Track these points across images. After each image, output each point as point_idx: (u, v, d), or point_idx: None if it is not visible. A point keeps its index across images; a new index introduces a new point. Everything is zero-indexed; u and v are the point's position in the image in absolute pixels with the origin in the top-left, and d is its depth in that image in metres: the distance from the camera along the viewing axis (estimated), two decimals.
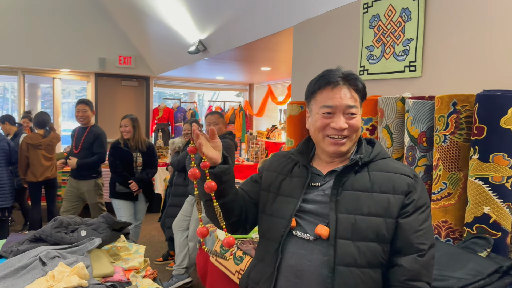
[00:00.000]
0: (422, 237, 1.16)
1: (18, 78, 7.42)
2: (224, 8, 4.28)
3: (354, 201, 1.18)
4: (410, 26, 2.29)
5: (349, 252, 1.14)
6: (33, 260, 1.77)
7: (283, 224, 1.22)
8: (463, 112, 1.85)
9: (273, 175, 1.35)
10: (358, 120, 1.23)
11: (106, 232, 2.06)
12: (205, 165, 1.14)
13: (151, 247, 4.84)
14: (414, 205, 1.18)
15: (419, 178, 1.24)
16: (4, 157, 4.50)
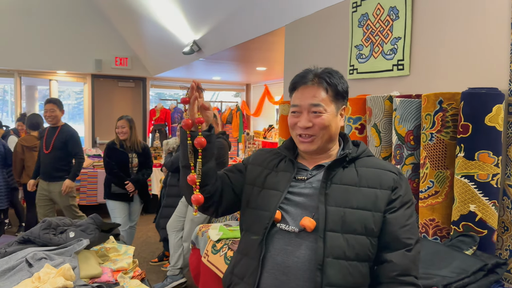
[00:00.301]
0: (409, 232, 1.19)
1: (15, 80, 7.43)
2: (217, 9, 4.28)
3: (343, 194, 1.20)
4: (398, 25, 2.29)
5: (338, 244, 1.15)
6: (20, 262, 1.77)
7: (267, 216, 1.23)
8: (449, 110, 1.85)
9: (258, 169, 1.36)
10: (325, 118, 1.22)
11: (94, 233, 2.06)
12: (199, 120, 1.20)
13: (147, 248, 4.85)
14: (400, 201, 1.21)
15: (403, 175, 1.27)
16: (0, 158, 4.52)
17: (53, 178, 4.15)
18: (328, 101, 1.23)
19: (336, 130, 1.28)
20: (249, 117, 9.75)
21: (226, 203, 1.34)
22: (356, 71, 2.63)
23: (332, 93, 1.24)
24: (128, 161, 4.07)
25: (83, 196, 5.81)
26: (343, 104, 1.29)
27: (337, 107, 1.26)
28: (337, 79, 1.25)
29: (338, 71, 1.29)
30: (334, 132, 1.27)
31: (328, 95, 1.24)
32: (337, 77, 1.26)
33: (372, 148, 2.27)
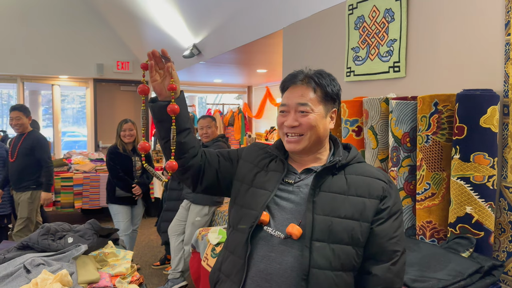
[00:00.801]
0: (396, 245, 1.18)
1: (18, 85, 7.47)
2: (216, 13, 4.30)
3: (330, 202, 1.18)
4: (394, 27, 2.29)
5: (325, 254, 1.14)
6: (18, 268, 1.78)
7: (254, 215, 1.22)
8: (444, 112, 1.85)
9: (249, 166, 1.34)
10: (312, 118, 1.21)
11: (92, 238, 2.07)
12: (171, 87, 1.21)
13: (149, 252, 4.86)
14: (388, 212, 1.19)
15: (393, 183, 1.25)
16: (2, 164, 4.54)
17: (18, 187, 4.10)
18: (316, 102, 1.22)
19: (325, 132, 1.26)
20: (251, 119, 9.76)
21: (206, 182, 1.35)
22: (353, 73, 2.63)
23: (320, 94, 1.23)
24: (132, 164, 4.09)
25: (86, 200, 5.83)
26: (333, 106, 1.27)
27: (326, 109, 1.25)
28: (327, 81, 1.24)
29: (331, 74, 1.28)
30: (322, 133, 1.25)
31: (317, 95, 1.23)
32: (328, 79, 1.25)
33: (369, 150, 2.27)
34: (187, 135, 1.28)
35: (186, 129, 1.28)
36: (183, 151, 1.28)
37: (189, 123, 1.30)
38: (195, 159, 1.32)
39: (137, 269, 4.17)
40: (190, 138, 1.29)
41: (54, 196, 5.67)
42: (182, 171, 1.32)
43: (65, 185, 5.76)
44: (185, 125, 1.27)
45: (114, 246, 2.25)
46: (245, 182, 1.32)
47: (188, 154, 1.30)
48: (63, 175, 5.82)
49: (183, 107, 1.26)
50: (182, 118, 1.26)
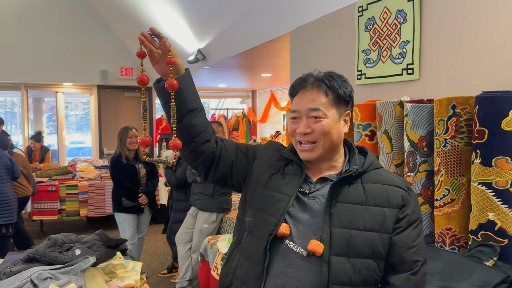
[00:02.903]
0: (416, 254, 1.12)
1: (21, 93, 7.46)
2: (221, 17, 4.26)
3: (348, 214, 1.11)
4: (406, 28, 2.24)
5: (344, 270, 1.08)
6: (25, 282, 1.72)
7: (273, 222, 1.15)
8: (463, 115, 1.79)
9: (264, 166, 1.27)
10: (325, 123, 1.14)
11: (101, 249, 2.01)
12: (169, 61, 1.14)
13: (156, 259, 4.80)
14: (407, 220, 1.13)
15: (412, 190, 1.19)
16: (6, 172, 4.50)
17: None
18: (329, 105, 1.15)
19: (339, 137, 1.18)
20: (255, 124, 9.71)
21: (220, 172, 1.26)
22: (364, 76, 2.57)
23: (332, 97, 1.16)
24: (137, 172, 4.04)
25: (91, 208, 5.79)
26: (346, 109, 1.20)
27: (339, 112, 1.17)
28: (338, 82, 1.17)
29: (341, 75, 1.21)
30: (337, 139, 1.18)
31: (328, 99, 1.15)
32: (339, 81, 1.18)
33: (383, 155, 2.20)
34: (196, 116, 1.20)
35: (194, 109, 1.19)
36: (194, 134, 1.20)
37: (197, 103, 1.20)
38: (208, 144, 1.22)
39: None
40: (201, 121, 1.21)
41: (59, 204, 5.65)
42: (194, 157, 1.23)
43: (70, 193, 5.72)
44: (192, 104, 1.19)
45: (122, 257, 2.19)
46: (260, 183, 1.24)
47: (199, 138, 1.21)
48: (68, 182, 5.78)
49: (189, 85, 1.19)
50: (188, 96, 1.18)
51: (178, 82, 1.14)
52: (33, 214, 5.55)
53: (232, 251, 1.28)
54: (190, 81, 1.21)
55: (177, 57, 1.17)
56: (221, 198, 3.61)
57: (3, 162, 4.46)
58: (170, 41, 1.19)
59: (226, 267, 1.27)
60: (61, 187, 5.68)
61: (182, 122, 1.19)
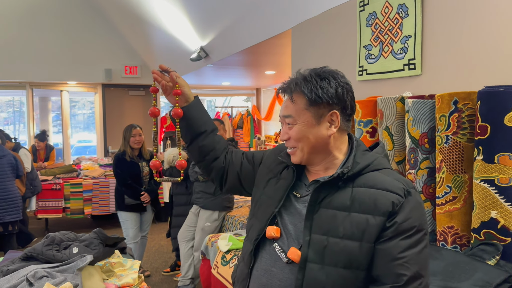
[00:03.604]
0: (401, 267, 1.00)
1: (27, 92, 7.49)
2: (223, 14, 4.23)
3: (329, 220, 1.05)
4: (408, 23, 2.20)
5: (318, 278, 1.03)
6: (21, 281, 1.71)
7: (259, 228, 1.17)
8: (465, 111, 1.75)
9: (265, 171, 1.29)
10: (296, 129, 1.11)
11: (98, 248, 2.00)
12: (176, 92, 1.28)
13: (159, 258, 4.80)
14: (395, 229, 1.02)
15: (413, 196, 1.06)
16: (11, 170, 4.53)
17: None
18: (301, 110, 1.10)
19: (320, 140, 1.11)
20: (260, 122, 9.68)
21: (229, 184, 1.37)
22: (365, 72, 2.53)
23: (304, 101, 1.10)
24: (140, 170, 4.03)
25: (96, 206, 5.80)
26: (330, 109, 1.10)
27: (318, 114, 1.10)
28: (312, 84, 1.09)
29: (326, 73, 1.12)
30: (315, 143, 1.11)
31: (300, 103, 1.11)
32: (314, 81, 1.10)
33: None
34: (205, 138, 1.32)
35: (202, 132, 1.32)
36: (203, 153, 1.33)
37: (206, 126, 1.32)
38: (217, 161, 1.34)
39: (147, 276, 4.12)
40: (209, 141, 1.33)
41: (64, 202, 5.67)
42: (207, 172, 1.37)
43: (74, 191, 5.73)
44: (200, 129, 1.31)
45: (121, 255, 2.18)
46: (259, 188, 1.27)
47: (209, 156, 1.33)
48: (72, 181, 5.80)
49: (197, 112, 1.31)
50: (196, 121, 1.31)
51: (186, 110, 1.29)
52: (38, 212, 5.58)
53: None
54: (198, 107, 1.32)
55: (185, 87, 1.30)
56: (223, 196, 3.59)
57: (8, 160, 4.48)
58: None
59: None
60: (65, 186, 5.70)
61: (192, 144, 1.33)
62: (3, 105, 19.56)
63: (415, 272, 1.00)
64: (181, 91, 1.28)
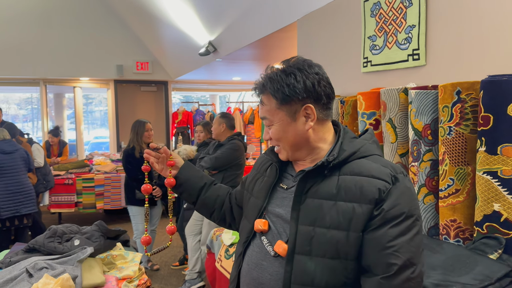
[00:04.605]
0: (392, 256, 0.97)
1: (40, 88, 7.61)
2: (229, 8, 4.21)
3: (315, 210, 1.03)
4: (412, 12, 2.14)
5: (306, 270, 1.02)
6: (22, 272, 1.74)
7: (249, 228, 1.17)
8: (468, 101, 1.70)
9: (253, 173, 1.30)
10: (274, 130, 1.11)
11: (99, 240, 2.02)
12: (170, 163, 1.36)
13: (168, 251, 4.83)
14: (382, 217, 0.99)
15: (401, 181, 1.03)
16: (24, 164, 4.61)
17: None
18: (273, 111, 1.09)
19: (298, 136, 1.09)
20: None
21: (238, 218, 1.37)
22: (370, 64, 2.49)
23: (275, 100, 1.08)
24: (150, 165, 4.05)
25: (108, 201, 5.86)
26: (303, 103, 1.07)
27: (291, 111, 1.08)
28: (278, 83, 1.07)
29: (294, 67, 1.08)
30: (294, 139, 1.10)
31: (271, 104, 1.09)
32: (280, 79, 1.07)
33: (387, 145, 2.13)
34: (206, 191, 1.38)
35: (202, 187, 1.38)
36: (210, 204, 1.39)
37: (204, 180, 1.39)
38: (224, 206, 1.39)
39: (156, 269, 4.15)
40: (211, 192, 1.39)
41: (76, 197, 5.75)
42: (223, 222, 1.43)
43: (86, 186, 5.80)
44: (200, 184, 1.38)
45: (123, 248, 2.19)
46: (248, 190, 1.28)
47: (217, 204, 1.39)
48: (85, 176, 5.86)
49: (192, 171, 1.38)
50: (194, 179, 1.37)
51: (180, 174, 1.36)
52: (51, 206, 5.67)
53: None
54: (190, 168, 1.39)
55: (177, 158, 1.38)
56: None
57: (20, 154, 4.57)
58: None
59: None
60: (77, 180, 5.77)
61: (198, 201, 1.38)
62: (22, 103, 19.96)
63: (406, 260, 0.97)
64: (174, 162, 1.36)
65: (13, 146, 4.53)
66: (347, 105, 2.44)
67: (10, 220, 4.41)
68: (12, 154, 4.47)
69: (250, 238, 1.16)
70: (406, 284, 0.97)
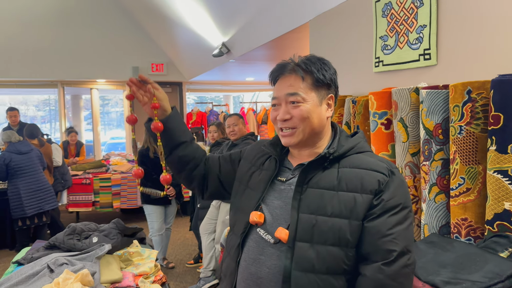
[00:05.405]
0: (391, 243, 1.04)
1: (58, 90, 7.77)
2: (242, 10, 4.26)
3: (317, 200, 1.08)
4: (423, 12, 2.15)
5: (307, 256, 1.05)
6: (43, 267, 1.81)
7: (245, 220, 1.18)
8: (479, 101, 1.71)
9: (247, 165, 1.31)
10: (303, 108, 1.13)
11: (117, 238, 2.08)
12: (154, 106, 1.24)
13: (184, 250, 4.90)
14: (382, 206, 1.06)
15: (396, 175, 1.11)
16: (40, 163, 4.75)
17: None
18: (307, 89, 1.13)
19: (321, 121, 1.16)
20: None
21: (211, 189, 1.37)
22: (381, 63, 2.50)
23: (311, 81, 1.14)
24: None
25: (124, 200, 5.97)
26: (328, 92, 1.17)
27: (320, 96, 1.15)
28: (317, 66, 1.14)
29: (322, 58, 1.18)
30: (318, 123, 1.15)
31: (307, 82, 1.13)
32: (318, 64, 1.15)
33: (399, 144, 2.14)
34: (185, 148, 1.31)
35: (182, 143, 1.30)
36: (184, 164, 1.32)
37: (185, 137, 1.31)
38: (198, 169, 1.34)
39: (171, 267, 4.22)
40: (190, 151, 1.32)
41: (93, 196, 5.88)
42: (188, 182, 1.37)
43: (103, 186, 5.92)
44: (179, 139, 1.30)
45: (139, 245, 2.25)
46: (243, 182, 1.28)
47: (189, 166, 1.33)
48: (102, 175, 5.99)
49: (175, 123, 1.29)
50: (175, 132, 1.29)
51: (165, 121, 1.26)
52: (69, 206, 5.81)
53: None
54: (176, 118, 1.30)
55: (163, 101, 1.27)
56: None
57: (36, 154, 4.71)
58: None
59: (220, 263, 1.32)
60: (94, 180, 5.89)
61: (172, 155, 1.31)
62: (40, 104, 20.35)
63: (403, 247, 1.05)
64: (159, 105, 1.25)
65: (28, 146, 4.68)
66: (359, 105, 2.46)
67: (31, 219, 4.56)
68: (28, 154, 4.62)
69: (248, 229, 1.17)
70: (403, 269, 1.04)
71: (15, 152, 4.53)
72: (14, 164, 4.50)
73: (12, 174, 4.53)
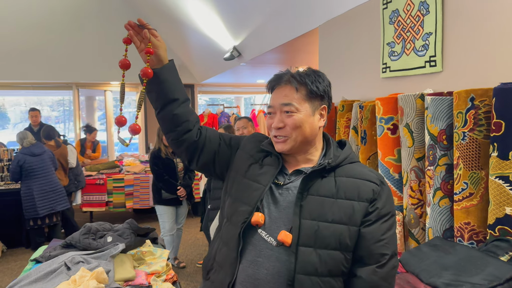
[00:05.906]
0: (384, 247, 1.15)
1: (73, 92, 7.94)
2: (253, 15, 4.33)
3: (318, 206, 1.15)
4: (429, 20, 2.20)
5: (310, 260, 1.11)
6: (60, 265, 1.90)
7: (247, 211, 1.19)
8: (481, 108, 1.75)
9: (245, 156, 1.31)
10: (296, 118, 1.18)
11: (130, 237, 2.16)
12: (147, 51, 1.21)
13: (194, 250, 4.98)
14: (377, 214, 1.16)
15: (385, 185, 1.22)
16: (52, 164, 4.86)
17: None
18: (301, 100, 1.19)
19: (313, 130, 1.22)
20: None
21: (203, 161, 1.33)
22: (388, 69, 2.55)
23: (305, 92, 1.20)
24: (175, 166, 4.24)
25: (136, 200, 6.08)
26: (321, 103, 1.23)
27: (313, 106, 1.21)
28: (311, 78, 1.21)
29: (317, 71, 1.25)
30: (310, 132, 1.21)
31: (301, 93, 1.20)
32: (312, 76, 1.21)
33: (405, 149, 2.19)
34: (178, 107, 1.26)
35: (175, 99, 1.25)
36: (175, 123, 1.27)
37: (179, 94, 1.26)
38: (190, 134, 1.29)
39: (182, 267, 4.30)
40: (183, 111, 1.27)
41: (107, 196, 6.00)
42: (176, 145, 1.31)
43: (117, 186, 6.04)
44: (173, 95, 1.24)
45: (152, 245, 2.33)
46: (239, 172, 1.29)
47: (181, 127, 1.28)
48: (115, 176, 6.11)
49: (170, 76, 1.25)
50: (168, 85, 1.24)
51: (159, 71, 1.22)
52: (83, 205, 5.93)
53: (214, 237, 1.33)
54: (172, 72, 1.26)
55: (160, 49, 1.23)
56: None
57: (48, 156, 4.83)
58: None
59: (208, 252, 1.34)
60: (108, 181, 6.01)
61: (164, 111, 1.26)
62: (54, 105, 20.68)
63: (393, 251, 1.16)
64: (153, 51, 1.21)
65: (41, 148, 4.79)
66: (366, 110, 2.51)
67: (42, 219, 4.68)
68: (41, 156, 4.73)
69: (248, 220, 1.17)
70: (392, 271, 1.16)
71: (28, 154, 4.65)
72: (28, 165, 4.62)
73: (26, 175, 4.64)
